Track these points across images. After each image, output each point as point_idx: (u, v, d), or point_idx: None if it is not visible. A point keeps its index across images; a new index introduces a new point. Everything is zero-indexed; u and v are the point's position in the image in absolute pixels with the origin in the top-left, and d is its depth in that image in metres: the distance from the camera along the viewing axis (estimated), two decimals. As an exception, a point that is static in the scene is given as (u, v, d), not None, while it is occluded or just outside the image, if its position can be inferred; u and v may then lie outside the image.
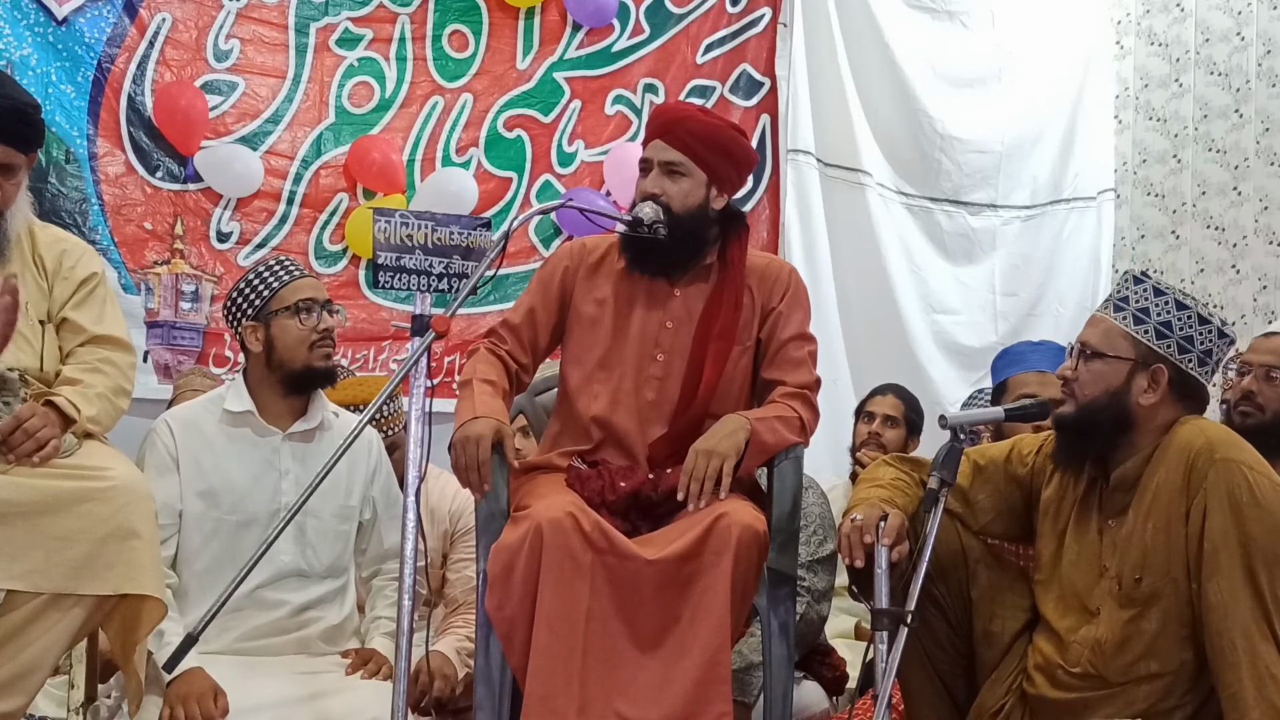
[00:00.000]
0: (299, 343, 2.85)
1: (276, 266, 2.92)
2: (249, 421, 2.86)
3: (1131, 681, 2.37)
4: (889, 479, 2.61)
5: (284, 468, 2.85)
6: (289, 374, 2.86)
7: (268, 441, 2.86)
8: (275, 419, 2.88)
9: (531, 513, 2.48)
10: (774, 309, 2.82)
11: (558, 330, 2.84)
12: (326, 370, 2.90)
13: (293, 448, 2.87)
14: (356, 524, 2.95)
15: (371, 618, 2.96)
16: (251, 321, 2.87)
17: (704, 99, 5.58)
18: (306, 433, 2.89)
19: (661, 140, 2.76)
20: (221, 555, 2.78)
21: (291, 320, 2.85)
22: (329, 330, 2.89)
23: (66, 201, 4.64)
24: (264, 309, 2.86)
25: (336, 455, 2.32)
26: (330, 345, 2.90)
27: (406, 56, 5.20)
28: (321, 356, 2.88)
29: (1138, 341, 2.43)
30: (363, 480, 2.95)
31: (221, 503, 2.80)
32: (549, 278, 2.85)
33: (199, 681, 2.56)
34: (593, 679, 2.41)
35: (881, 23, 5.80)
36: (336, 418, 2.97)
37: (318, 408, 2.92)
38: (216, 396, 2.94)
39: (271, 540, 2.27)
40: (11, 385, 2.54)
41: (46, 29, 4.64)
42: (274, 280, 2.88)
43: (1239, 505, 2.27)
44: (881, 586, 2.42)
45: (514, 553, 2.44)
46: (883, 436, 3.86)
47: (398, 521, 2.93)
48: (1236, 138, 5.65)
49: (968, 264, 6.05)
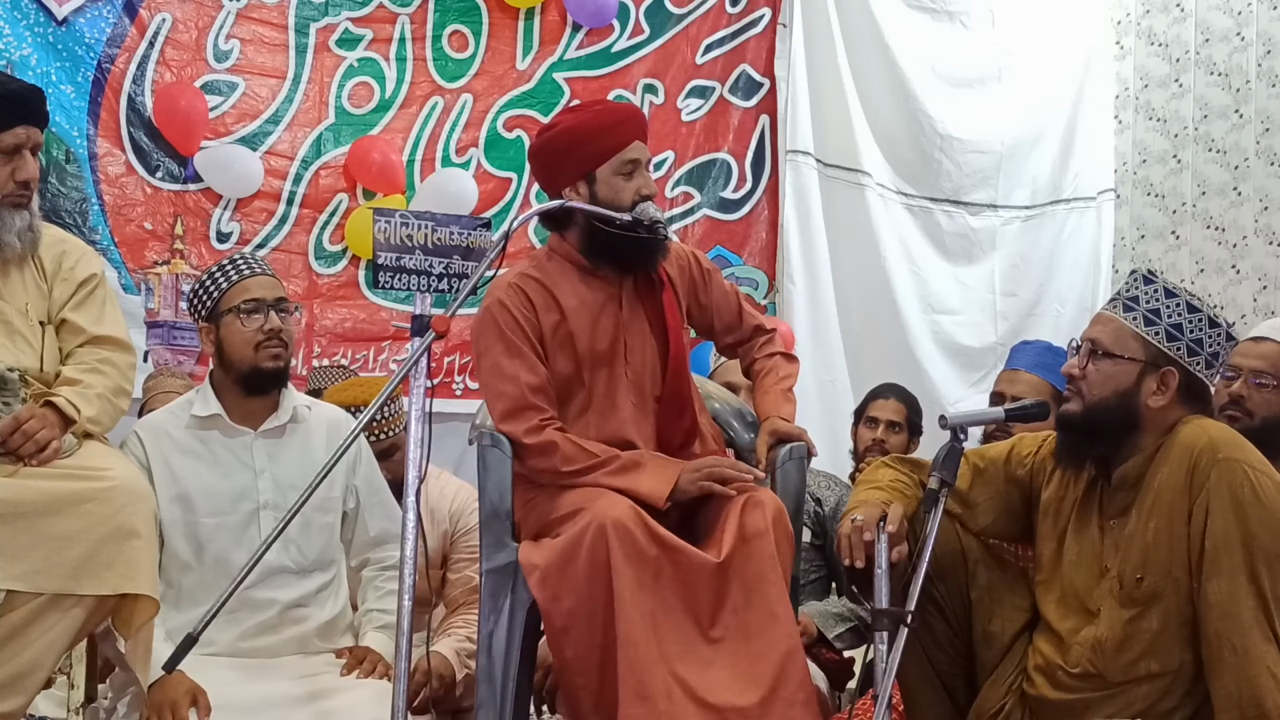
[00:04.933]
0: (245, 344, 2.80)
1: (228, 266, 2.87)
2: (218, 424, 2.83)
3: (1131, 681, 2.37)
4: (888, 480, 2.61)
5: (259, 467, 2.82)
6: (240, 375, 2.82)
7: (239, 442, 2.84)
8: (244, 419, 2.85)
9: (594, 511, 2.52)
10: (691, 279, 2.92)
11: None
12: (275, 371, 2.83)
13: (266, 445, 2.85)
14: (340, 515, 2.93)
15: (364, 611, 2.94)
16: (204, 323, 2.84)
17: (703, 99, 5.59)
18: (278, 429, 2.86)
19: (640, 142, 2.78)
20: (205, 559, 2.76)
21: (236, 322, 2.80)
22: (276, 330, 2.81)
23: (66, 201, 4.64)
24: (214, 310, 2.82)
25: (336, 456, 2.32)
26: (278, 346, 2.82)
27: (406, 57, 5.20)
28: (269, 357, 2.81)
29: (1148, 343, 2.42)
30: (343, 470, 2.90)
31: (198, 507, 2.77)
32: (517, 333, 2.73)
33: (175, 686, 2.52)
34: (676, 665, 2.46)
35: (881, 23, 5.79)
36: (310, 410, 2.93)
37: (287, 403, 2.89)
38: (185, 402, 2.91)
39: (268, 544, 2.26)
40: (11, 385, 2.54)
41: (46, 29, 4.65)
42: (223, 280, 2.84)
43: (1241, 505, 2.27)
44: (881, 586, 2.42)
45: (574, 545, 2.49)
46: (887, 443, 3.85)
47: (382, 508, 2.97)
48: (1236, 138, 5.65)
49: (967, 264, 6.04)
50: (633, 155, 2.75)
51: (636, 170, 2.76)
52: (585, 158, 2.76)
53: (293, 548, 2.82)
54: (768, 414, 2.88)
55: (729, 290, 3.00)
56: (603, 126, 2.78)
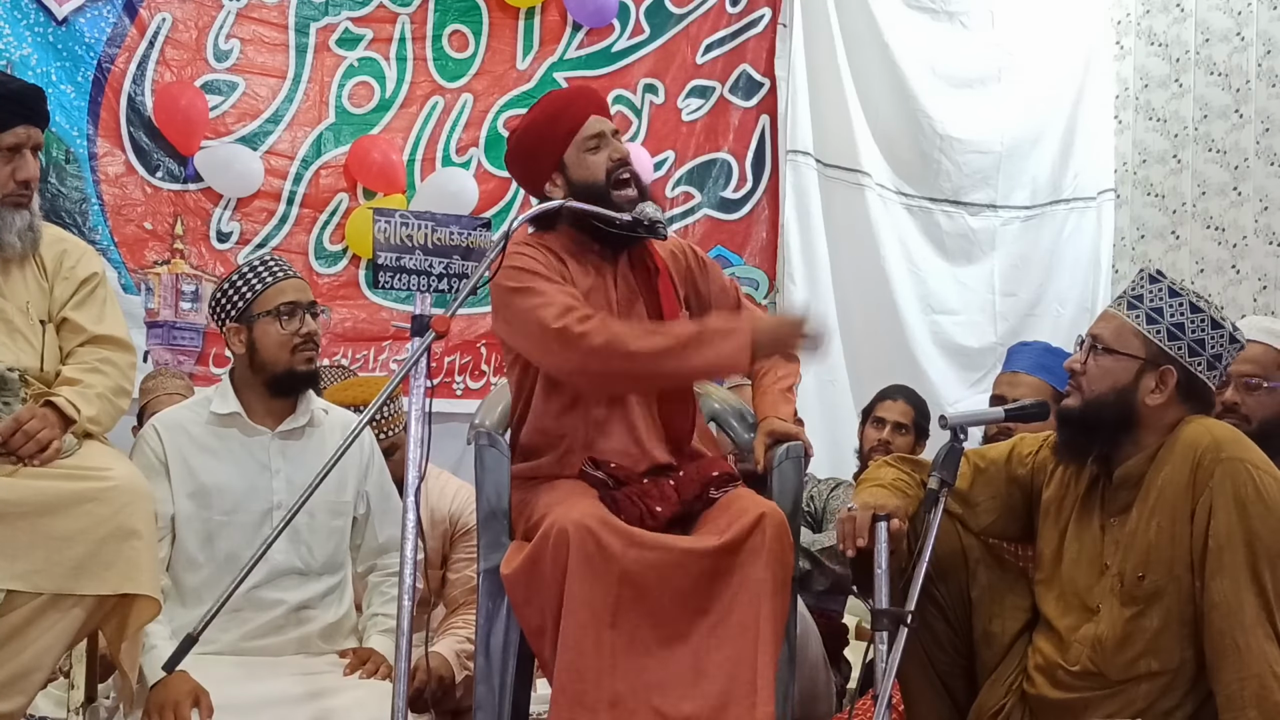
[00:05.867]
0: (280, 347, 2.82)
1: (260, 268, 2.88)
2: (236, 422, 2.85)
3: (1131, 680, 2.37)
4: (890, 479, 2.61)
5: (274, 467, 2.83)
6: (271, 377, 2.84)
7: (257, 441, 2.85)
8: (263, 418, 2.86)
9: (555, 515, 2.50)
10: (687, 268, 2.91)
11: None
12: (309, 374, 2.87)
13: (282, 446, 2.86)
14: (350, 519, 2.94)
15: (369, 615, 2.95)
16: (234, 323, 2.84)
17: (704, 99, 5.59)
18: (295, 430, 2.87)
19: (597, 115, 2.79)
20: (216, 556, 2.77)
21: (273, 324, 2.82)
22: (311, 334, 2.85)
23: (66, 201, 4.64)
24: (246, 311, 2.83)
25: (335, 456, 2.31)
26: (313, 349, 2.86)
27: (406, 56, 5.20)
28: (304, 360, 2.84)
29: (1149, 341, 2.43)
30: (356, 475, 2.93)
31: (213, 504, 2.78)
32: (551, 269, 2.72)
33: (179, 686, 2.52)
34: (624, 672, 2.42)
35: (881, 23, 5.79)
36: (326, 414, 2.95)
37: (306, 405, 2.90)
38: (203, 399, 2.91)
39: (270, 541, 2.26)
40: (11, 385, 2.54)
41: (46, 29, 4.65)
42: (257, 282, 2.85)
43: (1244, 504, 2.27)
44: (881, 586, 2.42)
45: (539, 550, 2.47)
46: (893, 444, 3.85)
47: (391, 515, 2.96)
48: (1236, 138, 5.65)
49: (967, 264, 6.04)
50: (593, 130, 2.76)
51: (602, 142, 2.76)
52: (549, 149, 2.77)
53: (303, 549, 2.83)
54: (766, 414, 2.88)
55: (729, 284, 3.00)
56: (553, 113, 2.80)
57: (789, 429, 2.84)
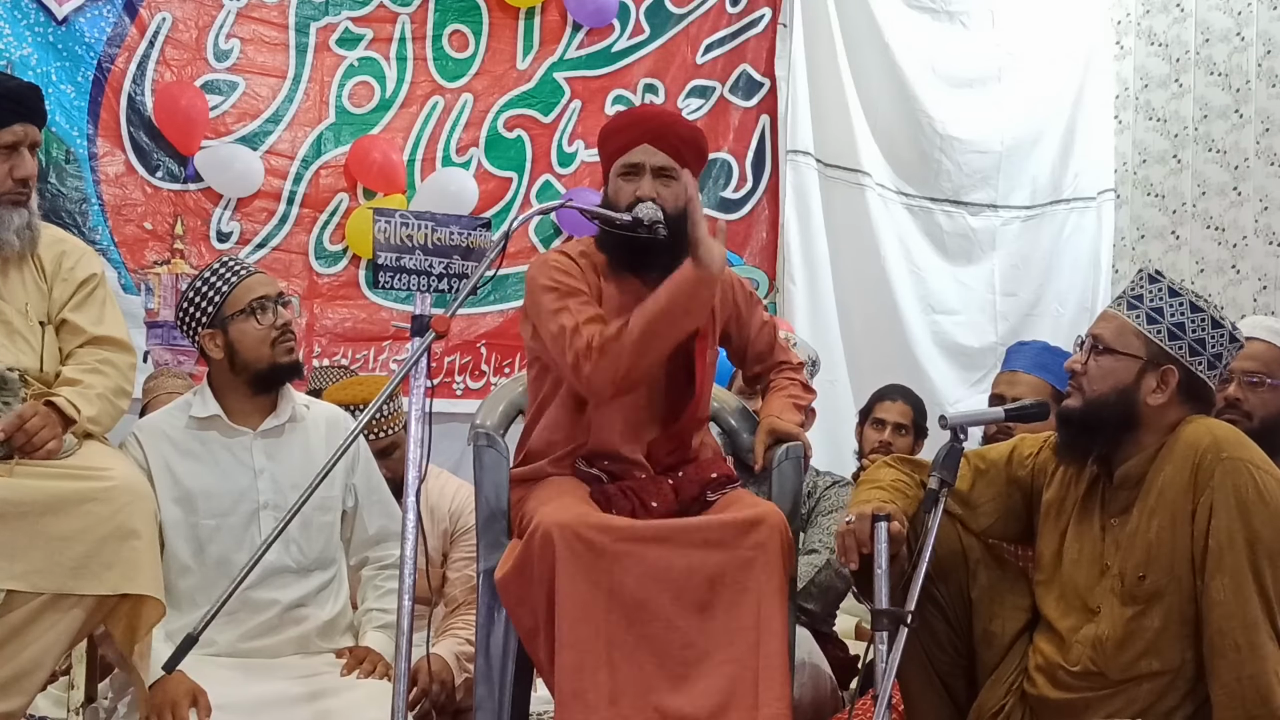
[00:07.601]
0: (260, 343, 2.81)
1: (222, 269, 2.87)
2: (217, 425, 2.84)
3: (1132, 680, 2.37)
4: (889, 480, 2.61)
5: (258, 467, 2.83)
6: (255, 375, 2.83)
7: (239, 442, 2.84)
8: (244, 419, 2.85)
9: (540, 516, 2.50)
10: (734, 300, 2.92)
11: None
12: (292, 364, 2.87)
13: (265, 445, 2.85)
14: (340, 513, 2.93)
15: (363, 610, 2.95)
16: (208, 329, 2.83)
17: (704, 99, 5.59)
18: (277, 429, 2.87)
19: (651, 145, 2.76)
20: (207, 561, 2.76)
21: (248, 322, 2.81)
22: (287, 324, 2.85)
23: (66, 201, 4.64)
24: (218, 314, 2.81)
25: (335, 457, 2.31)
26: (291, 339, 2.87)
27: (407, 56, 5.20)
28: (285, 351, 2.84)
29: (1150, 340, 2.43)
30: (342, 469, 2.91)
31: (199, 508, 2.78)
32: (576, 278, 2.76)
33: (176, 686, 2.53)
34: (623, 669, 2.42)
35: (881, 23, 5.79)
36: (308, 409, 2.94)
37: (286, 403, 2.89)
38: (183, 403, 2.91)
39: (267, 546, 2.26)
40: (11, 385, 2.54)
41: (46, 29, 4.65)
42: (223, 285, 2.83)
43: (1245, 504, 2.27)
44: (881, 586, 2.42)
45: (528, 551, 2.48)
46: (893, 445, 3.84)
47: (381, 506, 2.98)
48: (1236, 138, 5.65)
49: (967, 264, 6.04)
50: (634, 159, 2.75)
51: (638, 173, 2.75)
52: (604, 157, 2.85)
53: (293, 547, 2.82)
54: (769, 414, 2.89)
55: (767, 321, 3.01)
56: (617, 128, 2.85)
57: (789, 428, 2.84)
